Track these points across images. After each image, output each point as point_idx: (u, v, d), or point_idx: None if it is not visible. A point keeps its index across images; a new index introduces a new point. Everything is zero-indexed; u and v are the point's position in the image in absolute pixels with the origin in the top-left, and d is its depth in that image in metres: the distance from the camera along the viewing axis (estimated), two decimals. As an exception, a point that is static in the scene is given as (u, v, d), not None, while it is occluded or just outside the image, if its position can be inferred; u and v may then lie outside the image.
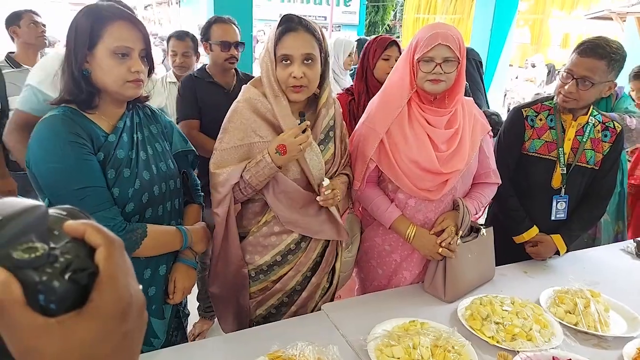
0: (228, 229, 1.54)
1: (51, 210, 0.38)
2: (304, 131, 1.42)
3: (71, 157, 1.20)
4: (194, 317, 2.69)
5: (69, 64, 1.24)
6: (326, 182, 1.50)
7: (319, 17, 15.42)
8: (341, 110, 1.70)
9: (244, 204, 1.59)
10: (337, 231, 1.59)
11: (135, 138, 1.36)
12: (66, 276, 0.34)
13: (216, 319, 2.78)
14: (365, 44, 2.38)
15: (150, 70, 1.34)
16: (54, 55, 1.85)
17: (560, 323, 1.49)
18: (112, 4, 1.29)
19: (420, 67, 1.53)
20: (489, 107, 3.26)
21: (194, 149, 1.61)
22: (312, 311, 1.64)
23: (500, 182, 1.79)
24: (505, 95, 7.01)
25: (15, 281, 0.32)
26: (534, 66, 8.10)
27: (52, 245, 0.35)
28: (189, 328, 2.51)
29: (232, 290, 1.61)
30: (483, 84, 3.32)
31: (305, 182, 1.53)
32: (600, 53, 1.69)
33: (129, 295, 0.37)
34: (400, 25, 16.48)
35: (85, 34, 1.21)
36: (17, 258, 0.33)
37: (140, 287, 0.40)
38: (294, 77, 1.41)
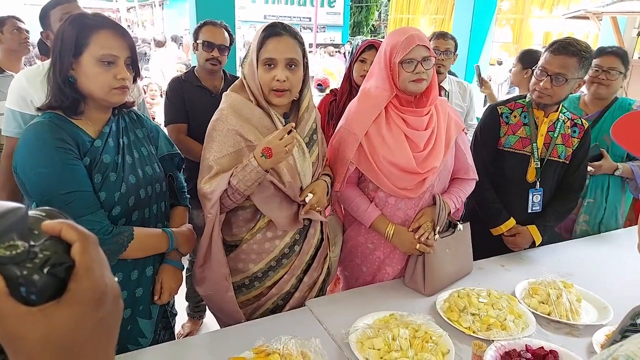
0: (212, 243, 1.51)
1: (31, 212, 0.41)
2: (289, 133, 1.38)
3: (57, 162, 1.23)
4: (182, 318, 2.72)
5: (55, 72, 1.26)
6: (309, 197, 1.51)
7: (304, 18, 15.40)
8: (320, 115, 1.73)
9: (234, 211, 1.55)
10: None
11: (121, 142, 1.39)
12: (45, 270, 0.38)
13: (204, 320, 2.83)
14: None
15: (136, 77, 1.37)
16: (21, 74, 1.86)
17: (533, 313, 1.55)
18: (97, 13, 1.33)
19: (404, 68, 1.59)
20: None
21: (179, 152, 1.65)
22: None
23: (477, 178, 1.86)
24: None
25: None
26: (500, 63, 9.21)
27: (32, 243, 0.38)
28: (177, 328, 2.54)
29: (218, 296, 1.59)
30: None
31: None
32: (572, 51, 1.80)
33: (104, 284, 0.41)
34: (385, 26, 16.60)
35: (71, 42, 1.24)
36: None
37: (116, 278, 0.43)
38: (277, 80, 1.42)
